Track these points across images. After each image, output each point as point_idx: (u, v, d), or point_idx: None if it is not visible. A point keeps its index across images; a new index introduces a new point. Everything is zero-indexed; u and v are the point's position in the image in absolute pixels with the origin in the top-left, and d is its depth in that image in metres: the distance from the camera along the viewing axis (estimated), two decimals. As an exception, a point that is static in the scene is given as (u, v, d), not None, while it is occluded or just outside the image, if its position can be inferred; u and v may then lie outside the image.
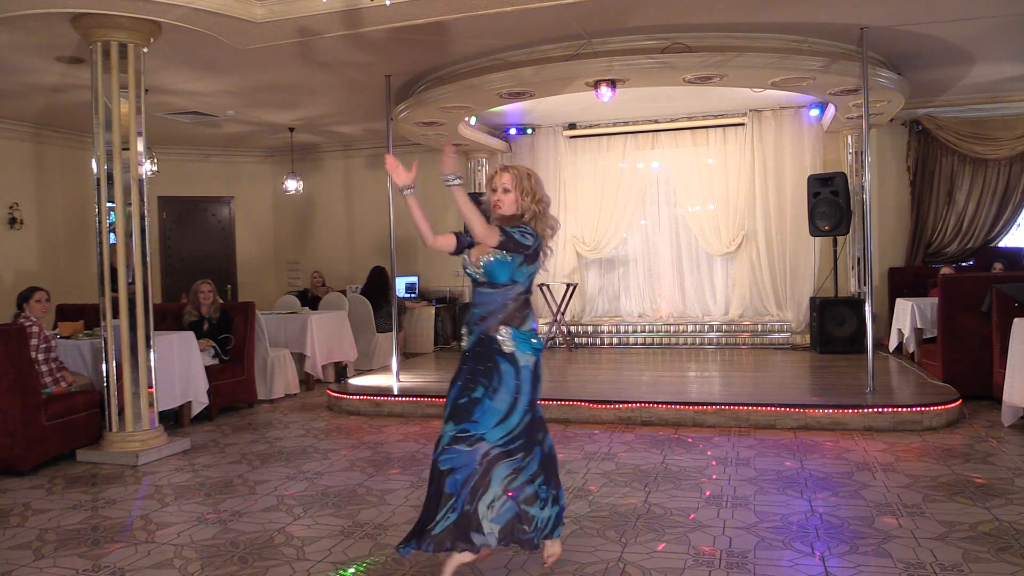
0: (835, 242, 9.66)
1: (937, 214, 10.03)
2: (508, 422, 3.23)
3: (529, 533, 3.27)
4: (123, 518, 4.34)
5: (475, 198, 3.16)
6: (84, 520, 4.31)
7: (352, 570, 3.52)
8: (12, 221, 9.86)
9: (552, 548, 3.41)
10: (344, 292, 10.59)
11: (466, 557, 3.24)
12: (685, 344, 10.57)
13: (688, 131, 10.64)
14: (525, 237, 3.22)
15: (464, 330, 3.34)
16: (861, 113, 7.12)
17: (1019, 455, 5.17)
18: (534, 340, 3.29)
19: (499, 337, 3.23)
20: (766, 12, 6.60)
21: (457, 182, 3.15)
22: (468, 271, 3.34)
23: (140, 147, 5.83)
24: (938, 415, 6.01)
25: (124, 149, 5.76)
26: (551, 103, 9.20)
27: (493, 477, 3.21)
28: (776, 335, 10.25)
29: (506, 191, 3.27)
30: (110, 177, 5.73)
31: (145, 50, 5.90)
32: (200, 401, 6.81)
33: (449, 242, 3.32)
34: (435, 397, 6.97)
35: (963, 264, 9.93)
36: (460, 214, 3.10)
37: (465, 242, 3.35)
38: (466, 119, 9.45)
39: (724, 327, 10.46)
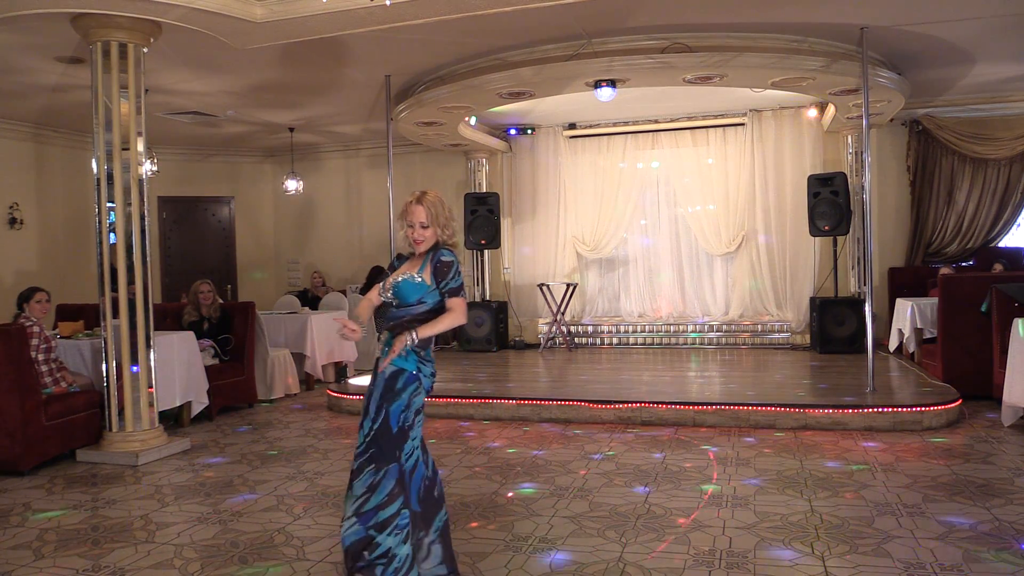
0: (835, 242, 9.66)
1: (937, 214, 10.03)
2: (366, 423, 3.09)
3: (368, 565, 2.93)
4: (123, 518, 4.34)
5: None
6: (84, 520, 4.31)
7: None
8: (12, 221, 9.86)
9: None
10: (344, 292, 10.59)
11: None
12: (685, 344, 10.57)
13: (688, 131, 10.66)
14: (458, 278, 3.22)
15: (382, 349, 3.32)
16: (861, 113, 7.12)
17: (1019, 455, 5.17)
18: (423, 365, 3.21)
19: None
20: (766, 12, 6.60)
21: (413, 341, 3.15)
22: (382, 296, 3.26)
23: (140, 147, 5.83)
24: (938, 415, 6.01)
25: (124, 149, 5.76)
26: (551, 103, 9.20)
27: (353, 487, 3.05)
28: (776, 335, 10.25)
29: (424, 227, 3.13)
30: (110, 177, 5.73)
31: (145, 50, 5.90)
32: (200, 401, 6.80)
33: (372, 301, 3.30)
34: (436, 397, 6.97)
35: (963, 264, 9.93)
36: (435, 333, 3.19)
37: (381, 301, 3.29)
38: (466, 119, 9.45)
39: (724, 327, 10.46)
